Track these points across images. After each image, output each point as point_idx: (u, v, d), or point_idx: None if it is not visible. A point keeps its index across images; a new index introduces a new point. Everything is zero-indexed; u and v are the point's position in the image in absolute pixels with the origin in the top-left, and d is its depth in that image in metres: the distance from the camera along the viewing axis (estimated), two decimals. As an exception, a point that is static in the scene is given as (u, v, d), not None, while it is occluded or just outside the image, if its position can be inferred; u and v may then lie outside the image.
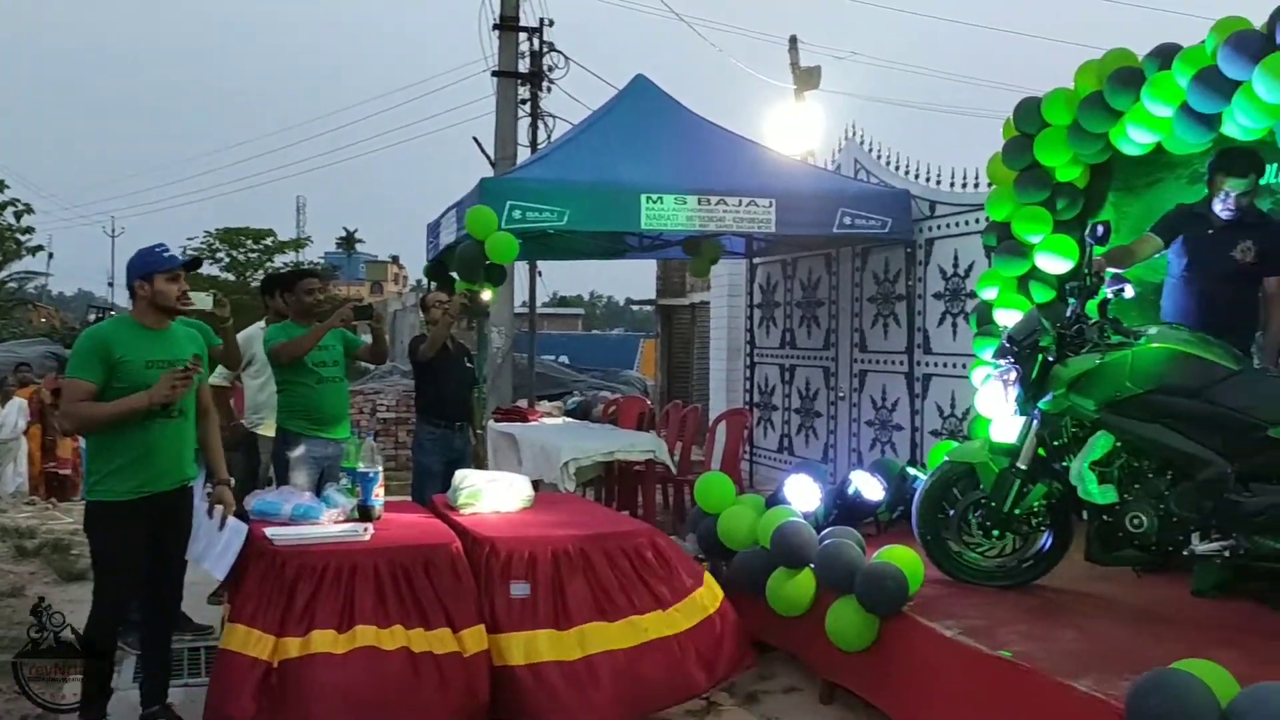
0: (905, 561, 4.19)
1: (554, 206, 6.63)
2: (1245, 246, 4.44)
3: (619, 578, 4.12)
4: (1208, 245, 4.52)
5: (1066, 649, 3.64)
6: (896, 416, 7.97)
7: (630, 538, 4.27)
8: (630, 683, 3.98)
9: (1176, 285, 4.69)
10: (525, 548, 4.09)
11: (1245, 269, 4.45)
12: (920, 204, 7.54)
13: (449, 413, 6.34)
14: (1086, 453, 3.98)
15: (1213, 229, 4.52)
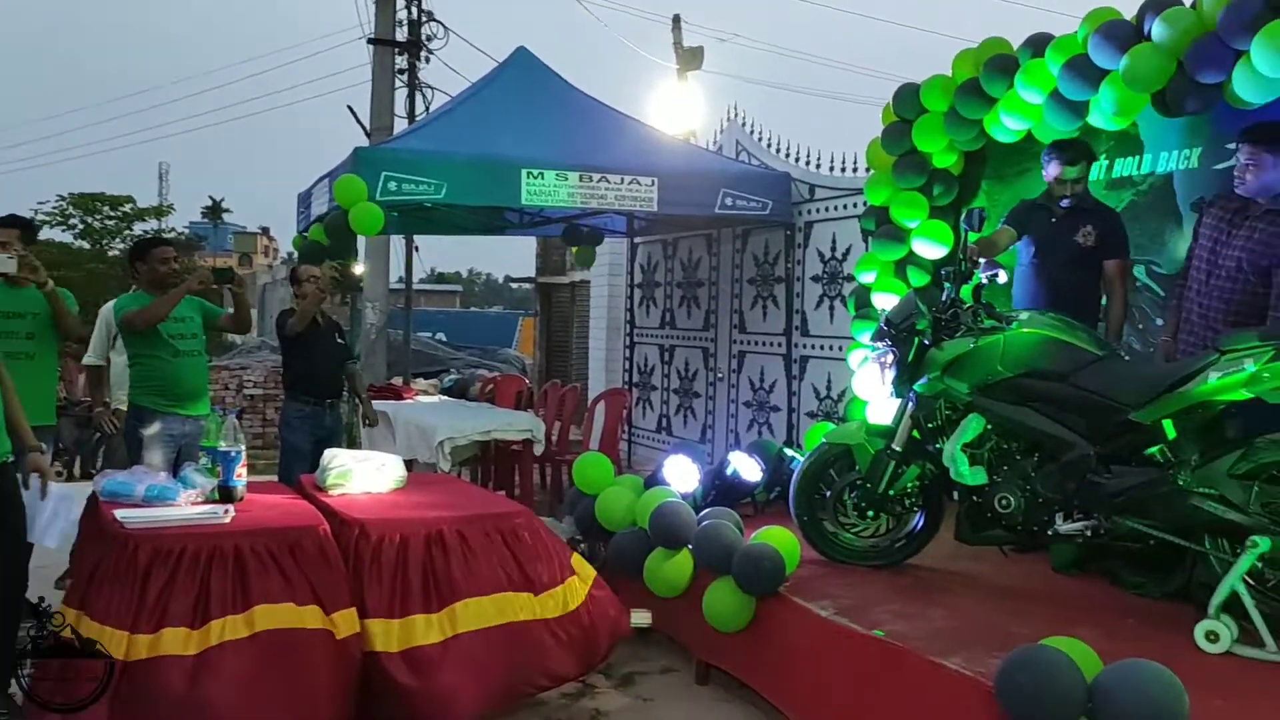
0: (782, 542, 4.20)
1: (431, 179, 6.44)
2: (1086, 231, 4.68)
3: (494, 560, 4.00)
4: (1052, 233, 4.76)
5: (937, 627, 3.70)
6: (774, 398, 8.04)
7: (506, 520, 4.16)
8: (500, 663, 3.88)
9: (1026, 273, 4.89)
10: (397, 530, 3.94)
11: (1087, 253, 4.69)
12: (800, 187, 7.60)
13: (319, 389, 6.11)
14: (959, 435, 4.04)
15: (1055, 217, 4.77)
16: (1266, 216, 3.93)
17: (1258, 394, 3.46)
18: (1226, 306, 4.00)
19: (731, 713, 4.30)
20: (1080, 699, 2.73)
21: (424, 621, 3.83)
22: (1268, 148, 3.89)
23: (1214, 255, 4.06)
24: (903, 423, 4.30)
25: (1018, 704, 2.78)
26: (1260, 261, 3.90)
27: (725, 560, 4.20)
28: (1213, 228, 4.12)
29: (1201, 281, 4.10)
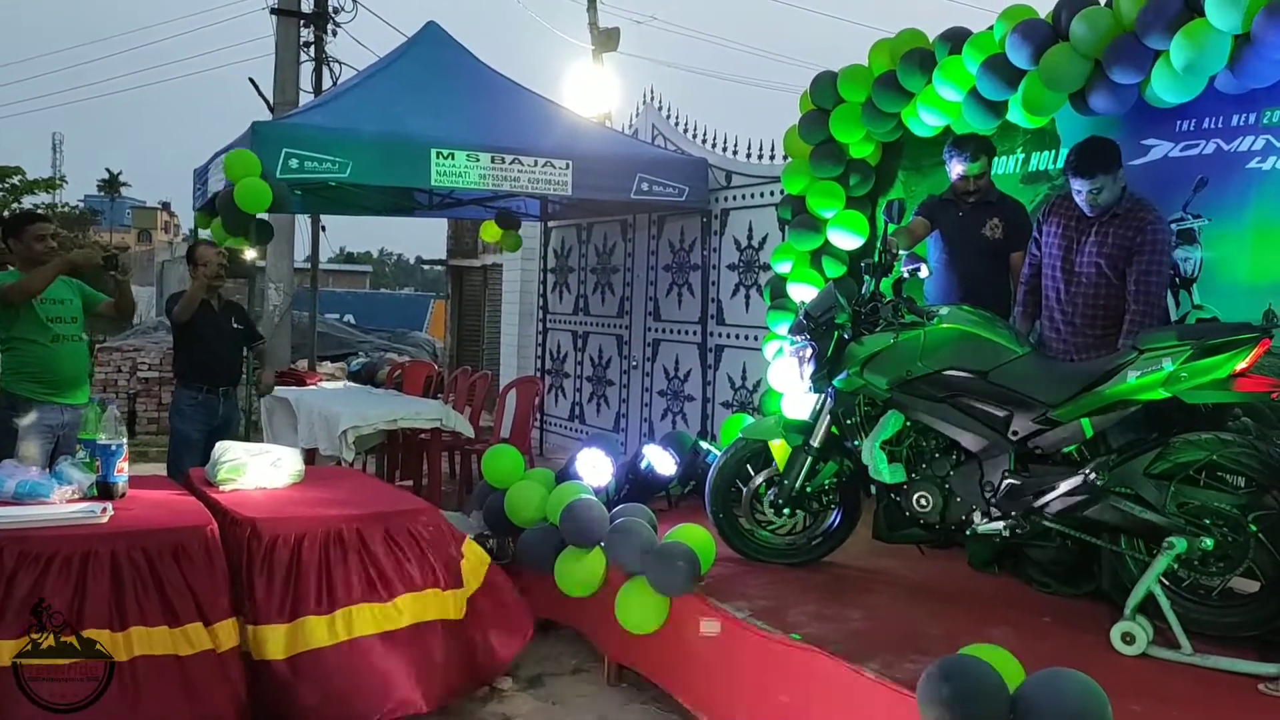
0: (697, 541, 4.08)
1: (335, 157, 6.15)
2: (993, 224, 4.74)
3: (394, 560, 3.81)
4: (960, 227, 4.80)
5: (854, 629, 3.62)
6: (689, 387, 7.93)
7: (410, 518, 3.97)
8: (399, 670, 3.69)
9: (937, 267, 4.90)
10: (292, 529, 3.72)
11: (996, 245, 4.75)
12: (717, 174, 7.48)
13: (212, 376, 5.80)
14: (878, 432, 3.97)
15: (961, 212, 4.82)
16: (1113, 221, 4.02)
17: (1175, 394, 3.44)
18: (1093, 310, 4.09)
19: (644, 716, 4.17)
20: (1003, 710, 2.65)
21: (318, 625, 3.64)
22: (1104, 171, 3.95)
23: (1068, 262, 4.13)
24: (821, 419, 4.21)
25: (939, 715, 2.69)
26: (1119, 264, 4.00)
27: (638, 560, 4.06)
28: (1060, 234, 4.20)
29: (1060, 289, 4.18)
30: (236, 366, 6.04)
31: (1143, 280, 3.94)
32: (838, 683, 3.28)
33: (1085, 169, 3.96)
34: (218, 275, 5.79)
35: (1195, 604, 3.52)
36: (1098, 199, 3.98)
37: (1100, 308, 4.07)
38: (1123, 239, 3.99)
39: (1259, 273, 4.10)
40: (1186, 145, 4.37)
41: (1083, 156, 3.98)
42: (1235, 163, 4.25)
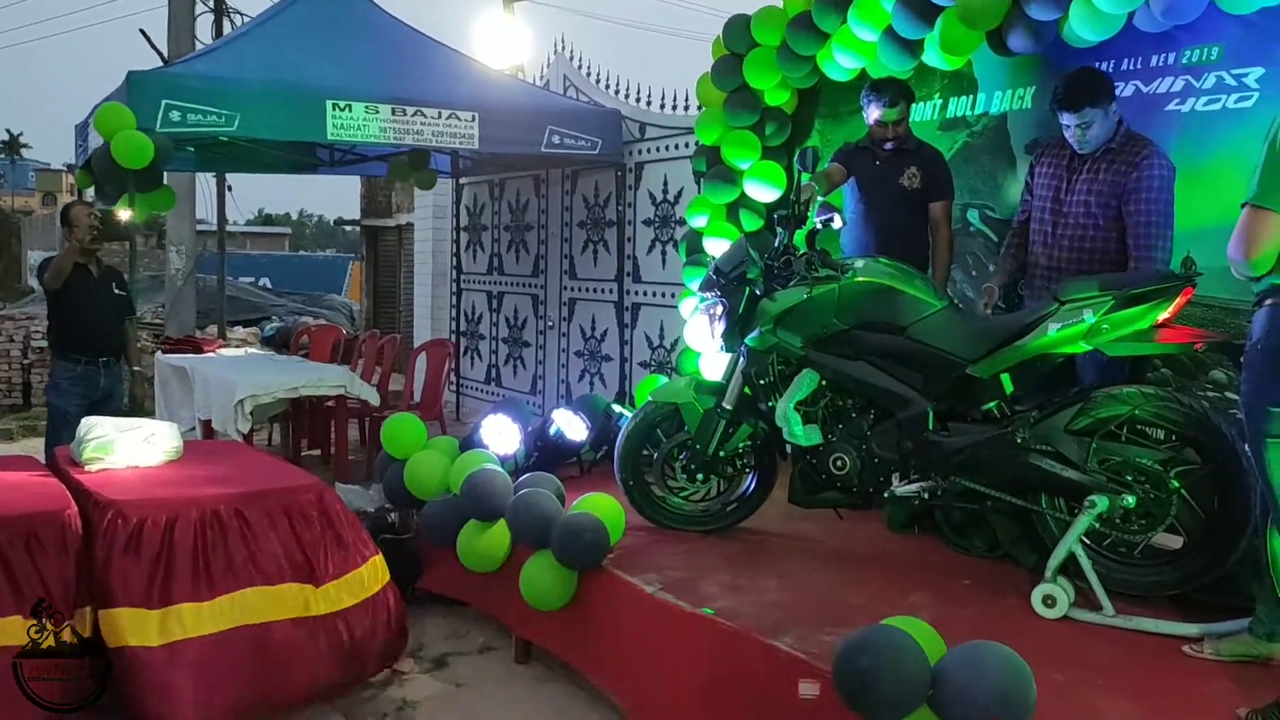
0: (605, 511, 3.87)
1: (222, 109, 5.75)
2: (911, 173, 4.53)
3: (278, 542, 3.55)
4: (876, 176, 4.58)
5: (769, 600, 3.44)
6: (606, 347, 7.71)
7: (294, 495, 3.70)
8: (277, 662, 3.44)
9: (854, 218, 4.69)
10: (163, 511, 3.43)
11: (913, 195, 4.54)
12: (630, 125, 7.22)
13: (92, 347, 5.42)
14: (792, 392, 3.77)
15: (879, 160, 4.59)
16: (1106, 156, 3.74)
17: (1096, 346, 3.29)
18: (1078, 254, 3.80)
19: (553, 695, 3.97)
20: (923, 685, 2.49)
21: (192, 613, 3.36)
22: (1091, 104, 3.68)
23: (1057, 204, 3.85)
24: (733, 379, 4.01)
25: (856, 690, 2.53)
26: (1110, 202, 3.70)
27: (543, 533, 3.84)
28: (1051, 175, 3.90)
29: (1047, 232, 3.88)
30: (117, 336, 5.65)
31: (1142, 223, 3.61)
32: (752, 658, 3.10)
33: (1073, 102, 3.64)
34: (92, 238, 5.39)
35: (1117, 563, 3.41)
36: (1087, 134, 3.67)
37: (1086, 251, 3.78)
38: (1117, 176, 3.68)
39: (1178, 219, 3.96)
40: (1112, 91, 4.21)
41: (1070, 89, 3.66)
42: (1154, 105, 4.11)
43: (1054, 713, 2.54)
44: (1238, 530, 3.20)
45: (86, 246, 5.41)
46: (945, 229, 4.54)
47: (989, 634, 3.00)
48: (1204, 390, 3.86)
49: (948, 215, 4.56)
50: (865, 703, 2.50)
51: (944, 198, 4.53)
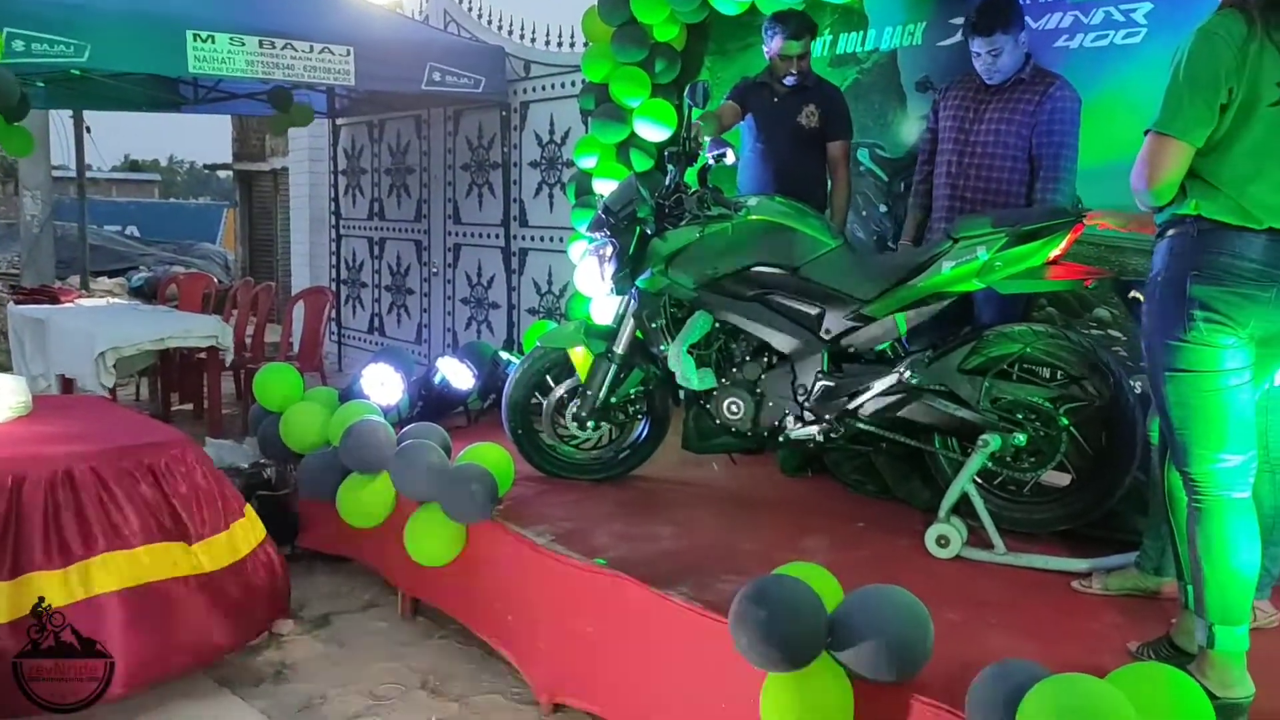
0: (493, 462, 3.72)
1: (70, 39, 5.34)
2: (809, 111, 4.37)
3: (139, 503, 3.29)
4: (774, 113, 4.42)
5: (664, 549, 3.36)
6: (493, 294, 7.51)
7: (156, 453, 3.44)
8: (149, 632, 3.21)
9: (751, 157, 4.55)
10: (7, 471, 3.15)
11: (811, 134, 4.39)
12: (515, 63, 6.97)
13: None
14: (685, 335, 3.66)
15: (777, 96, 4.42)
16: (1015, 88, 3.67)
17: (990, 284, 3.26)
18: (985, 185, 3.72)
19: (442, 652, 3.83)
20: (820, 632, 2.43)
21: (46, 581, 3.10)
22: (1004, 30, 3.62)
23: (964, 133, 3.76)
24: (624, 323, 3.88)
25: (754, 640, 2.45)
26: (1021, 133, 3.64)
27: (428, 486, 3.67)
28: (958, 109, 3.82)
29: (952, 164, 3.79)
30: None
31: (1051, 155, 3.58)
32: (646, 609, 3.01)
33: (984, 27, 3.58)
34: None
35: (1007, 501, 3.42)
36: (997, 63, 3.61)
37: (994, 181, 3.70)
38: (1026, 107, 3.63)
39: (1067, 157, 3.97)
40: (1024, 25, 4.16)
41: (982, 14, 3.60)
42: (1043, 41, 4.07)
43: (950, 653, 2.50)
44: (1124, 466, 3.24)
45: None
46: (844, 170, 4.41)
47: (885, 576, 2.96)
48: (1089, 327, 3.89)
49: (847, 156, 4.43)
50: (763, 655, 2.43)
51: (843, 137, 4.40)
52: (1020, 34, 3.62)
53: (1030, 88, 3.65)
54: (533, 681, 3.37)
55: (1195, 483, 2.26)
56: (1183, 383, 2.22)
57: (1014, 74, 3.66)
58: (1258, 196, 2.14)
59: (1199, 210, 2.18)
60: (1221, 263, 2.16)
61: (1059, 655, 2.54)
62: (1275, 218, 2.15)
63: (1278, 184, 2.14)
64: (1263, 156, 2.14)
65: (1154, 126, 2.18)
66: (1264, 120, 2.13)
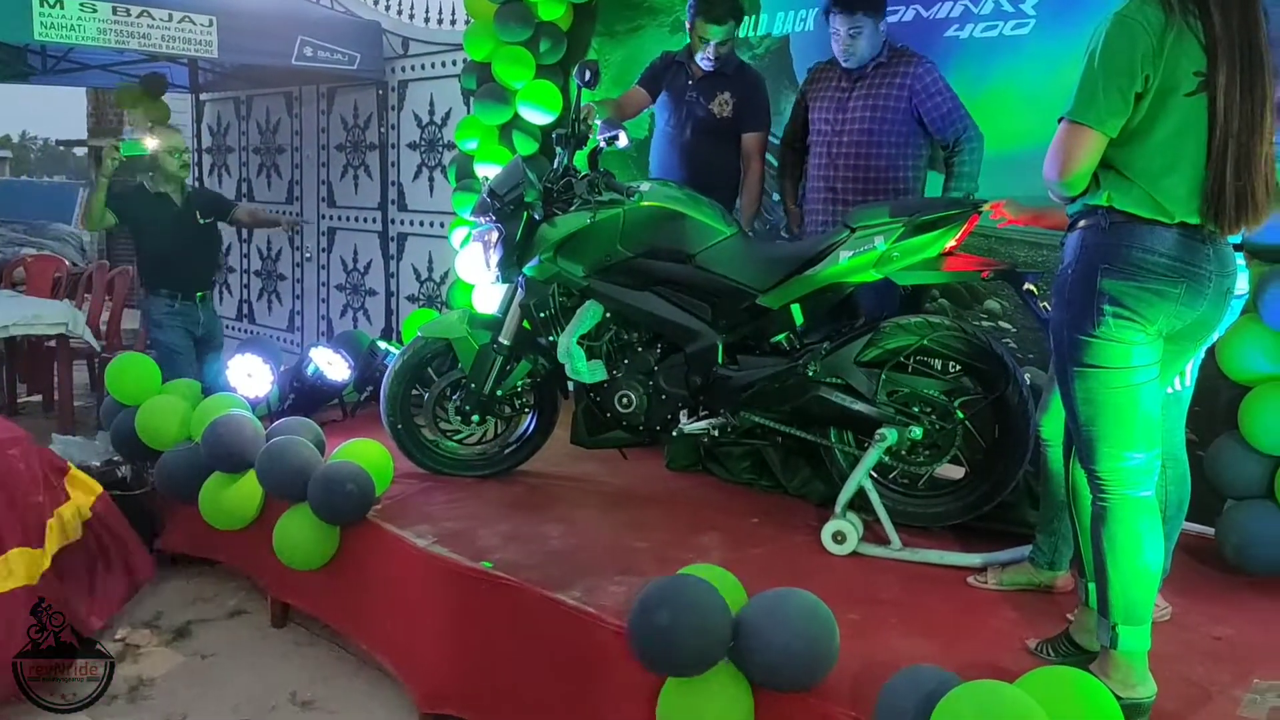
0: (370, 458, 3.52)
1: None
2: (723, 99, 4.17)
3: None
4: (688, 98, 4.21)
5: (553, 550, 3.20)
6: (370, 280, 7.21)
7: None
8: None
9: (660, 140, 4.37)
10: None
11: (724, 124, 4.18)
12: (393, 40, 6.67)
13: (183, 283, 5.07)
14: (575, 325, 3.51)
15: (693, 80, 4.21)
16: (877, 72, 3.66)
17: (887, 274, 3.20)
18: (861, 175, 3.68)
19: (314, 660, 3.61)
20: (725, 637, 2.32)
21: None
22: (865, 10, 3.58)
23: (833, 122, 3.72)
24: (511, 312, 3.70)
25: (655, 647, 2.32)
26: (890, 116, 3.62)
27: (299, 485, 3.44)
28: (824, 95, 3.78)
29: (823, 154, 3.75)
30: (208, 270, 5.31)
31: (943, 113, 3.56)
32: (535, 614, 2.86)
33: (847, 5, 3.54)
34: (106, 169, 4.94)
35: (903, 495, 3.38)
36: (855, 44, 3.58)
37: (870, 169, 3.66)
38: (892, 89, 3.62)
39: (957, 147, 3.95)
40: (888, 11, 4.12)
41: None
42: (934, 31, 4.07)
43: (855, 655, 2.43)
44: (1016, 459, 3.23)
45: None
46: (758, 163, 4.20)
47: (782, 574, 2.90)
48: (979, 319, 3.89)
49: (762, 149, 4.22)
50: (665, 660, 2.30)
51: (758, 129, 4.18)
52: (881, 21, 3.62)
53: (891, 69, 3.65)
54: (413, 692, 3.18)
55: (1101, 481, 2.22)
56: (1091, 379, 2.17)
57: (871, 60, 3.66)
58: (1171, 189, 2.10)
59: (1111, 202, 2.13)
60: (1133, 257, 2.11)
61: (960, 655, 2.50)
62: (1188, 212, 2.11)
63: (1191, 177, 2.10)
64: (1177, 148, 2.09)
65: (1067, 114, 2.11)
66: (1179, 111, 2.08)
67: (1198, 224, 2.12)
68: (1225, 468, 3.09)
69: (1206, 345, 2.38)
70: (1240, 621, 2.78)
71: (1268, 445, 2.99)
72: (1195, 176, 2.11)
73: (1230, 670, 2.47)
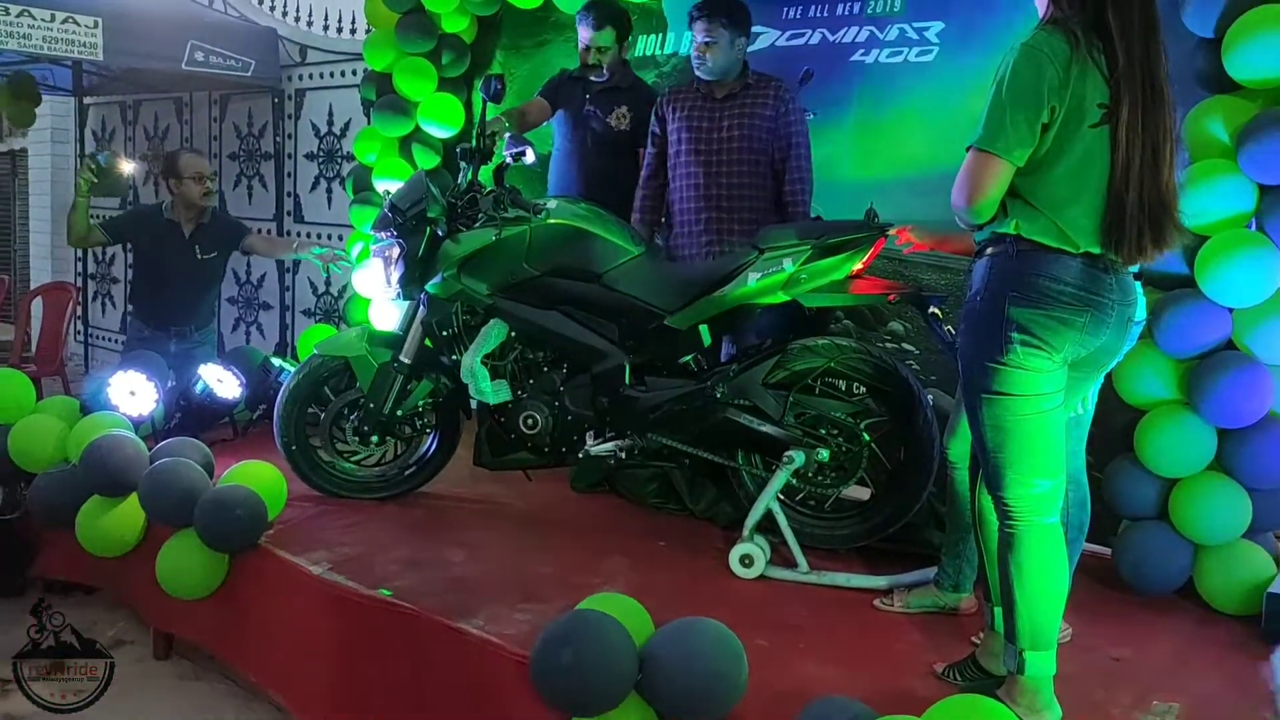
0: (262, 481, 3.37)
1: None
2: (620, 113, 4.18)
3: None
4: (585, 111, 4.22)
5: (455, 576, 3.10)
6: (264, 294, 6.99)
7: None
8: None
9: (559, 156, 4.35)
10: None
11: (622, 137, 4.20)
12: (290, 47, 6.50)
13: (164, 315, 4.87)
14: (479, 344, 3.42)
15: (589, 94, 4.21)
16: (746, 94, 3.74)
17: (795, 297, 3.19)
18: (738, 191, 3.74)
19: (200, 695, 3.44)
20: (630, 672, 2.26)
21: None
22: (725, 22, 3.64)
23: (705, 145, 3.76)
24: (412, 330, 3.59)
25: (560, 687, 2.25)
26: (762, 137, 3.71)
27: (185, 510, 3.27)
28: (690, 119, 3.82)
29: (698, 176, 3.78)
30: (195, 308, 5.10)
31: (795, 155, 3.71)
32: (436, 645, 2.76)
33: (707, 9, 3.62)
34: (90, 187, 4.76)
35: (809, 518, 3.36)
36: (708, 53, 3.66)
37: (744, 187, 3.73)
38: (763, 109, 3.71)
39: (862, 170, 4.00)
40: (793, 34, 4.16)
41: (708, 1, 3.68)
42: (840, 54, 4.10)
43: (764, 683, 2.40)
44: (921, 480, 3.24)
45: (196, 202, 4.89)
46: None
47: (689, 600, 2.87)
48: (883, 341, 3.92)
49: None
50: (570, 700, 2.23)
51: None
52: (740, 39, 3.71)
53: (759, 92, 3.76)
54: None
55: (1008, 508, 2.22)
56: (999, 406, 2.18)
57: (726, 75, 3.75)
58: (1075, 220, 2.12)
59: (1019, 230, 2.14)
60: (1040, 285, 2.12)
61: (869, 681, 2.49)
62: (1091, 242, 2.13)
63: (1095, 207, 2.12)
64: (1081, 179, 2.12)
65: (976, 143, 2.12)
66: (1084, 142, 2.10)
67: (1100, 253, 2.15)
68: (1121, 489, 3.15)
69: (1107, 370, 2.42)
70: (1138, 641, 2.83)
71: (1162, 468, 3.06)
72: (1099, 207, 2.14)
73: (1130, 692, 2.51)
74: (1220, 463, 3.01)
